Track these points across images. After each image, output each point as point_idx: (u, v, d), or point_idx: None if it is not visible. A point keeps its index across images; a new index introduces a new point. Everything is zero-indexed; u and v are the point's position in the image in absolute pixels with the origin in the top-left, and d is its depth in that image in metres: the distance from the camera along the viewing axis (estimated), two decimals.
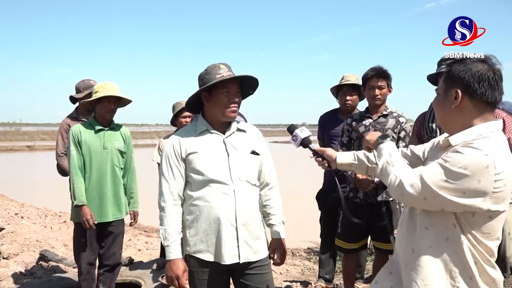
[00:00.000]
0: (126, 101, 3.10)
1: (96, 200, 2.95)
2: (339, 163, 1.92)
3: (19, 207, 7.84)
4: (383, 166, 1.55)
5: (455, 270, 1.43)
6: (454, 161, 1.35)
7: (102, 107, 2.96)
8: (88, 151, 2.93)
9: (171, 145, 2.00)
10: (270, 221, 2.11)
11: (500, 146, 1.39)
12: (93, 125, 3.00)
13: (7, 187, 9.84)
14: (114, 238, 3.06)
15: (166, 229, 1.93)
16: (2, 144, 31.00)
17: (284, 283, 4.07)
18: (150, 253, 5.26)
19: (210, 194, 1.93)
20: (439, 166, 1.38)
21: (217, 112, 1.99)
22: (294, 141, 2.00)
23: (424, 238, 1.49)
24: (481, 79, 1.41)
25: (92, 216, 2.87)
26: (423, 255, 1.49)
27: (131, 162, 3.17)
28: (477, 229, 1.40)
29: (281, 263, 2.12)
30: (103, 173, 2.96)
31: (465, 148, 1.36)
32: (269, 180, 2.13)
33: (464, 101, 1.44)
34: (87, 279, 3.02)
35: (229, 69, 1.98)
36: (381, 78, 2.97)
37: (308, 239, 5.86)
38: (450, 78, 1.47)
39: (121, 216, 3.09)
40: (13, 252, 4.91)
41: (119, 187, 3.06)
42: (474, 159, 1.33)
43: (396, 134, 2.98)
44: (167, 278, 1.95)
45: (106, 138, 2.99)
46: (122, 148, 3.08)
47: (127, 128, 3.25)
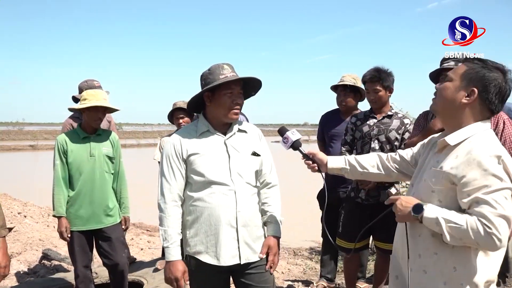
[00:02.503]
0: (113, 110, 3.07)
1: (87, 207, 2.93)
2: (329, 167, 1.91)
3: (22, 206, 7.81)
4: (451, 233, 1.38)
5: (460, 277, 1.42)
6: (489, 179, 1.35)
7: (90, 115, 2.92)
8: (75, 160, 2.91)
9: (171, 145, 1.97)
10: (267, 218, 2.04)
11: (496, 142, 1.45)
12: (79, 133, 2.97)
13: (10, 186, 9.82)
14: (111, 242, 3.03)
15: (166, 230, 1.90)
16: (5, 144, 31.01)
17: (286, 282, 4.05)
18: (152, 252, 5.25)
19: (211, 195, 1.90)
20: (490, 194, 1.34)
21: (220, 113, 1.96)
22: (285, 143, 1.99)
23: (429, 244, 1.48)
24: (500, 91, 1.44)
25: (67, 229, 2.90)
26: (429, 262, 1.48)
27: (120, 167, 3.14)
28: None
29: (274, 262, 2.01)
30: (92, 180, 2.94)
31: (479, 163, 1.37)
32: (269, 179, 2.09)
33: (475, 101, 1.45)
34: (84, 281, 3.03)
35: (233, 70, 1.96)
36: (375, 82, 2.95)
37: (310, 239, 5.84)
38: (472, 75, 1.46)
39: (114, 222, 3.05)
40: (16, 251, 4.91)
41: (109, 193, 3.04)
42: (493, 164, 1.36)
43: (400, 135, 2.97)
44: (166, 280, 1.93)
45: (92, 146, 2.96)
46: (111, 154, 3.04)
47: (131, 128, 3.21)
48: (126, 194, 3.17)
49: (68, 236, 2.91)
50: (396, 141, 2.96)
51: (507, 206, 1.33)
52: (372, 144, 2.99)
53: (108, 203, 3.00)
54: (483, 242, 1.33)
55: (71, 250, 3.01)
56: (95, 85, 3.75)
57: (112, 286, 3.15)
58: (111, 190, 3.06)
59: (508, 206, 1.34)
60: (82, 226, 2.94)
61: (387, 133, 2.96)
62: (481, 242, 1.34)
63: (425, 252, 1.49)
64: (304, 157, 1.96)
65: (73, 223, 2.93)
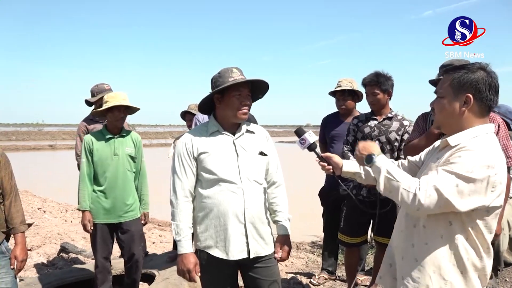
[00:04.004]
0: (135, 109, 3.15)
1: (109, 202, 3.02)
2: (344, 171, 1.87)
3: (42, 202, 7.93)
4: (385, 184, 1.48)
5: (448, 266, 1.45)
6: (460, 166, 1.36)
7: (112, 116, 3.01)
8: (100, 158, 3.00)
9: (183, 144, 2.01)
10: (277, 218, 2.08)
11: (494, 146, 1.42)
12: (104, 133, 3.07)
13: (31, 183, 9.94)
14: (131, 235, 3.11)
15: (178, 224, 1.93)
16: (26, 144, 31.33)
17: (289, 274, 4.08)
18: (164, 246, 5.29)
19: (220, 193, 1.93)
20: (447, 173, 1.37)
21: (229, 114, 1.99)
22: (302, 144, 1.95)
23: (421, 235, 1.51)
24: (491, 86, 1.44)
25: (90, 222, 2.99)
26: (420, 251, 1.50)
27: (142, 166, 3.22)
28: (475, 225, 1.42)
29: (285, 258, 2.09)
30: (115, 178, 3.02)
31: (465, 152, 1.38)
32: (275, 178, 2.12)
33: (474, 105, 1.45)
34: (103, 272, 3.10)
35: (241, 73, 1.98)
36: (373, 85, 2.98)
37: (312, 233, 5.86)
38: (459, 84, 1.47)
39: (134, 216, 3.13)
40: (36, 244, 4.98)
41: (131, 189, 3.12)
42: (477, 161, 1.35)
43: (400, 136, 2.99)
44: (179, 272, 1.96)
45: (116, 145, 3.04)
46: (133, 154, 3.12)
47: (143, 129, 3.29)
48: (146, 191, 3.24)
49: (91, 229, 3.01)
50: (396, 141, 2.99)
51: (450, 190, 1.34)
52: None
53: (129, 199, 3.09)
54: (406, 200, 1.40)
55: (93, 242, 3.10)
56: (105, 88, 3.77)
57: (127, 277, 3.21)
58: (133, 187, 3.14)
59: (451, 190, 1.34)
60: (104, 219, 3.04)
61: (388, 134, 2.98)
62: (404, 200, 1.41)
63: (418, 242, 1.51)
64: (320, 158, 1.92)
65: (96, 216, 3.02)
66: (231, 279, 2.07)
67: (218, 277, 2.01)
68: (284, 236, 2.07)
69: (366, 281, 3.64)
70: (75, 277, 3.53)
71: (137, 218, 3.16)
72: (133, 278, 3.20)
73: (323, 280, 3.75)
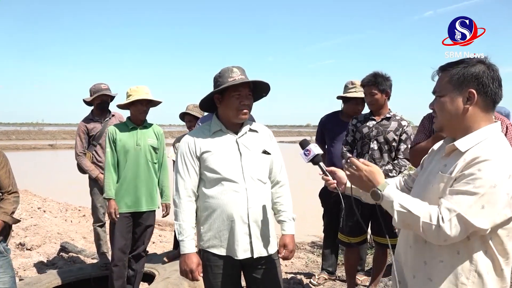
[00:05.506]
0: (157, 102, 3.20)
1: (131, 192, 3.07)
2: (348, 187, 1.70)
3: (42, 202, 7.85)
4: (401, 218, 1.31)
5: (467, 283, 1.30)
6: (482, 182, 1.20)
7: (135, 109, 3.08)
8: (123, 148, 3.06)
9: (186, 143, 1.97)
10: (281, 217, 2.05)
11: (507, 149, 1.28)
12: (128, 125, 3.13)
13: (31, 183, 9.86)
14: (145, 228, 3.17)
15: (181, 224, 1.90)
16: (26, 143, 31.23)
17: (289, 274, 4.04)
18: (164, 246, 5.26)
19: (223, 192, 1.89)
20: (468, 196, 1.21)
21: (229, 114, 1.95)
22: (306, 155, 1.77)
23: (434, 252, 1.35)
24: (494, 79, 1.31)
25: (115, 210, 3.02)
26: (434, 270, 1.35)
27: (164, 158, 3.27)
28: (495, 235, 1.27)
29: (289, 257, 2.06)
30: (137, 167, 3.08)
31: (484, 164, 1.22)
32: (279, 178, 2.08)
33: (478, 101, 1.31)
34: (119, 265, 3.08)
35: (242, 73, 1.93)
36: (371, 85, 2.96)
37: (312, 234, 5.83)
38: (460, 79, 1.32)
39: (153, 207, 3.19)
40: (35, 244, 4.93)
41: (153, 180, 3.16)
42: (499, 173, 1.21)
43: (398, 136, 2.96)
44: (181, 272, 1.92)
45: (139, 136, 3.10)
46: (155, 145, 3.17)
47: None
48: (167, 183, 3.27)
49: (116, 217, 3.02)
50: (394, 142, 2.95)
51: (476, 215, 1.19)
52: (371, 145, 2.98)
53: (149, 190, 3.13)
54: (429, 233, 1.24)
55: (112, 233, 3.13)
56: (102, 88, 3.89)
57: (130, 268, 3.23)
58: (154, 178, 3.18)
59: (478, 216, 1.20)
60: (126, 208, 3.06)
61: (385, 134, 2.96)
62: (427, 233, 1.25)
63: (432, 260, 1.36)
64: (324, 173, 1.76)
65: (118, 206, 3.04)
66: (234, 279, 2.03)
67: (221, 277, 1.97)
68: (289, 236, 2.03)
69: (366, 281, 3.61)
70: (75, 277, 3.49)
71: (154, 210, 3.20)
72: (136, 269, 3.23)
73: (323, 280, 3.71)
